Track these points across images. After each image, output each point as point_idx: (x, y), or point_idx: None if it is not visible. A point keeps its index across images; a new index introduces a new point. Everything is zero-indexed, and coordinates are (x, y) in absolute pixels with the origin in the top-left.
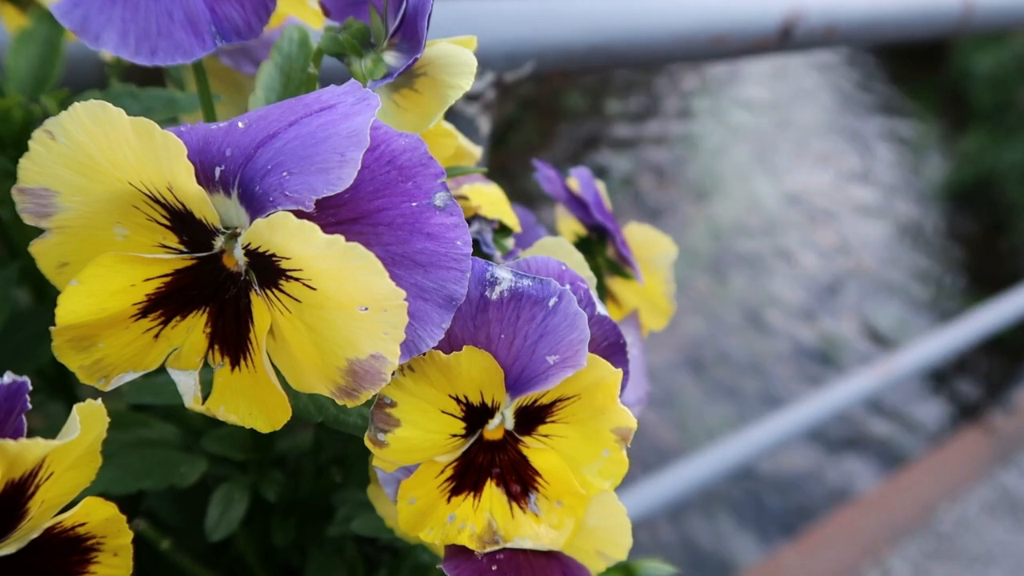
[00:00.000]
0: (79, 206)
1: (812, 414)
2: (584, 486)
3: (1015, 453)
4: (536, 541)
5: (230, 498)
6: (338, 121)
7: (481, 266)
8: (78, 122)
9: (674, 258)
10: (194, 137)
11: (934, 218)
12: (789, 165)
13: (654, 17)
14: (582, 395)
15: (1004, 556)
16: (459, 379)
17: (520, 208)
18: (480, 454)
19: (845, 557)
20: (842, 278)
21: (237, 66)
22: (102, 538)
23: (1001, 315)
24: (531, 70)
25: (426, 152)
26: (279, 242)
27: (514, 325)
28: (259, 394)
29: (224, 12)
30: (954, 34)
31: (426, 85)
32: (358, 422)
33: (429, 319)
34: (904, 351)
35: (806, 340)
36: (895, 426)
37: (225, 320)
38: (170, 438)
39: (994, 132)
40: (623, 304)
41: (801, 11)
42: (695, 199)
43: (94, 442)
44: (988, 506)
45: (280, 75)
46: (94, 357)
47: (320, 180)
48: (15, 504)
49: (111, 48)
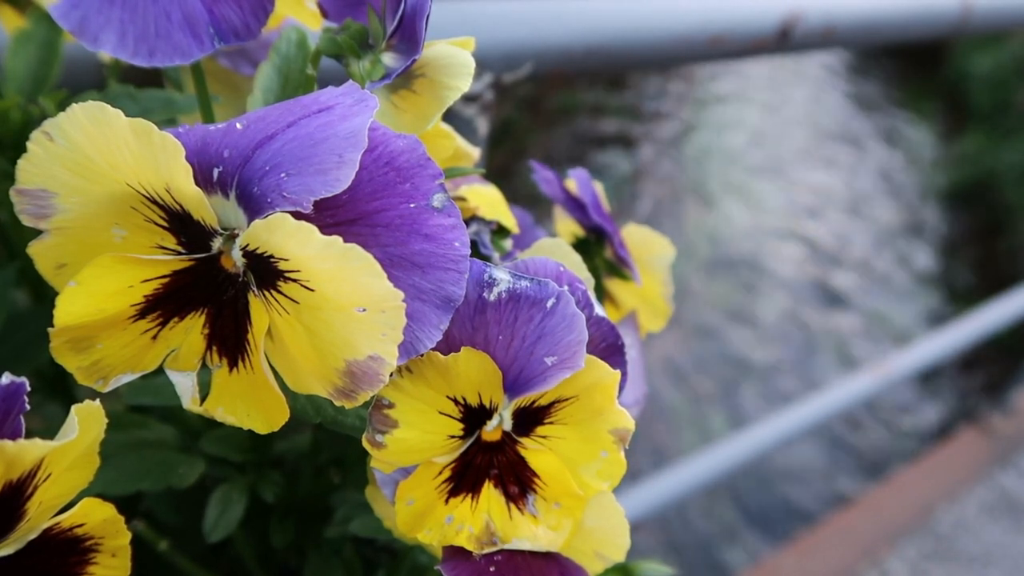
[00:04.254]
0: (77, 207)
1: (811, 415)
2: (582, 487)
3: (1013, 454)
4: (534, 542)
5: (228, 499)
6: (336, 122)
7: (479, 267)
8: (76, 123)
9: (672, 259)
10: (192, 138)
11: (932, 219)
12: (787, 165)
13: (652, 18)
14: (580, 396)
15: (1003, 557)
16: (457, 380)
17: (518, 209)
18: (478, 455)
19: (843, 558)
20: (839, 278)
21: (235, 67)
22: (100, 539)
23: (1000, 316)
24: (529, 71)
25: (424, 153)
26: (277, 243)
27: (512, 326)
28: (257, 395)
29: (222, 13)
30: (953, 35)
31: (424, 86)
32: (356, 423)
33: (427, 320)
34: (903, 352)
35: (804, 340)
36: (894, 426)
37: (223, 321)
38: (168, 439)
39: (992, 133)
40: (621, 305)
41: (800, 12)
42: (694, 199)
43: (92, 443)
44: (986, 507)
45: (278, 76)
46: (92, 358)
47: (318, 181)
48: (13, 505)
49: (109, 49)
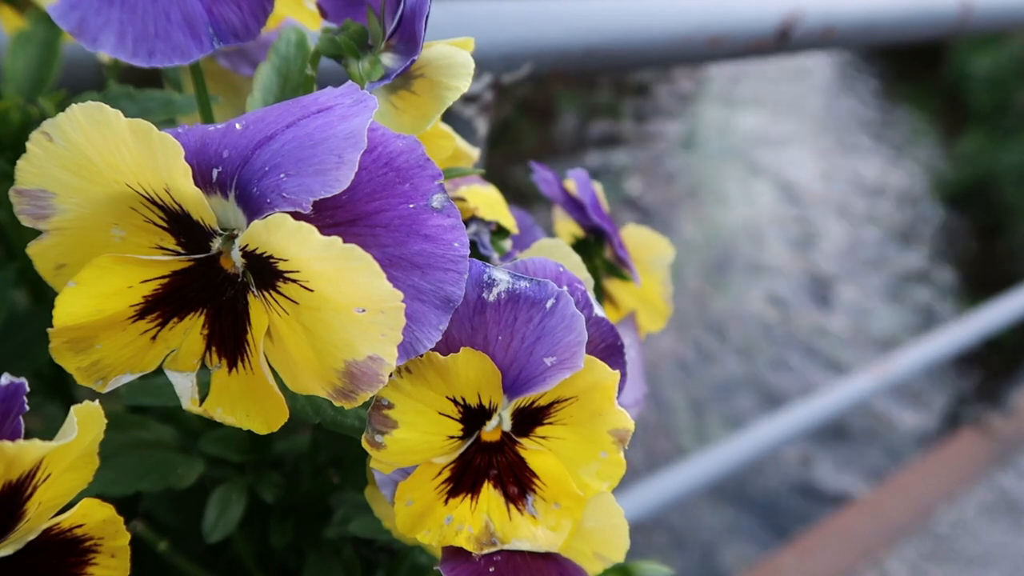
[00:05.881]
0: (76, 208)
1: (809, 416)
2: (581, 488)
3: (1012, 455)
4: (533, 543)
5: (228, 499)
6: (335, 123)
7: (478, 268)
8: (75, 124)
9: (671, 260)
10: (191, 139)
11: (931, 220)
12: (786, 165)
13: (651, 19)
14: (580, 397)
15: (1002, 558)
16: (456, 381)
17: (517, 210)
18: (478, 456)
19: (842, 559)
20: (838, 279)
21: (234, 68)
22: (100, 539)
23: (999, 317)
24: (528, 72)
25: (423, 154)
26: (276, 244)
27: (511, 327)
28: (256, 396)
29: (221, 14)
30: (952, 35)
31: (424, 87)
32: (355, 424)
33: (426, 321)
34: (901, 353)
35: (802, 340)
36: (893, 427)
37: (222, 322)
38: (168, 440)
39: (992, 134)
40: (621, 306)
41: (799, 12)
42: (692, 200)
43: (92, 443)
44: (986, 508)
45: (277, 77)
46: (92, 359)
47: (317, 182)
48: (13, 505)
49: (108, 50)
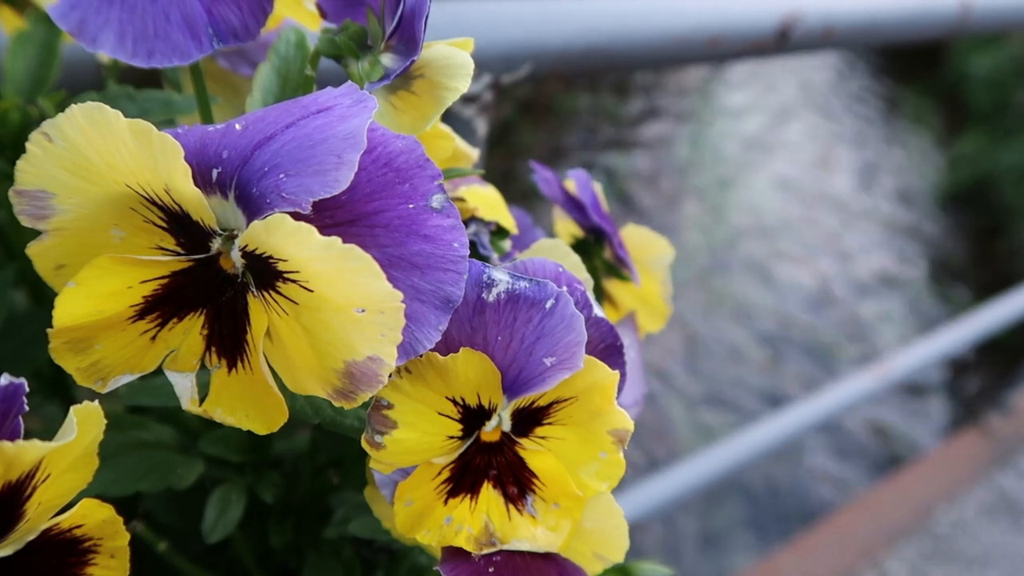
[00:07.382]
0: (76, 208)
1: (809, 416)
2: (581, 488)
3: (1012, 455)
4: (533, 543)
5: (227, 500)
6: (335, 123)
7: (478, 268)
8: (75, 124)
9: (671, 260)
10: (191, 139)
11: (931, 220)
12: (785, 166)
13: (651, 19)
14: (579, 397)
15: (1001, 558)
16: (456, 381)
17: (517, 210)
18: (477, 456)
19: (842, 559)
20: (837, 280)
21: (234, 68)
22: (99, 540)
23: (998, 317)
24: (528, 72)
25: (423, 154)
26: (276, 244)
27: (511, 327)
28: (256, 396)
29: (221, 14)
30: (952, 36)
31: (423, 87)
32: (355, 424)
33: (426, 321)
34: (901, 353)
35: (801, 341)
36: (892, 428)
37: (222, 322)
38: (167, 440)
39: (991, 134)
40: (620, 306)
41: (799, 13)
42: (692, 200)
43: (91, 444)
44: (985, 508)
45: (277, 77)
46: (91, 359)
47: (317, 182)
48: (12, 506)
49: (108, 50)
